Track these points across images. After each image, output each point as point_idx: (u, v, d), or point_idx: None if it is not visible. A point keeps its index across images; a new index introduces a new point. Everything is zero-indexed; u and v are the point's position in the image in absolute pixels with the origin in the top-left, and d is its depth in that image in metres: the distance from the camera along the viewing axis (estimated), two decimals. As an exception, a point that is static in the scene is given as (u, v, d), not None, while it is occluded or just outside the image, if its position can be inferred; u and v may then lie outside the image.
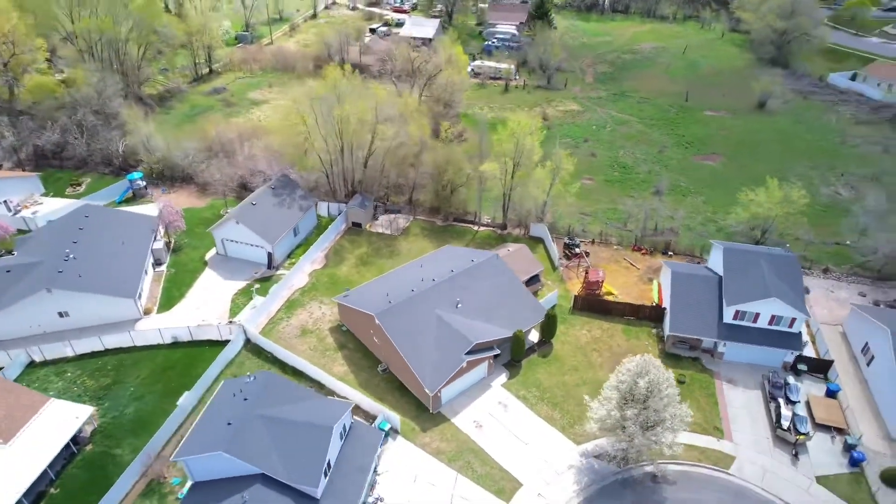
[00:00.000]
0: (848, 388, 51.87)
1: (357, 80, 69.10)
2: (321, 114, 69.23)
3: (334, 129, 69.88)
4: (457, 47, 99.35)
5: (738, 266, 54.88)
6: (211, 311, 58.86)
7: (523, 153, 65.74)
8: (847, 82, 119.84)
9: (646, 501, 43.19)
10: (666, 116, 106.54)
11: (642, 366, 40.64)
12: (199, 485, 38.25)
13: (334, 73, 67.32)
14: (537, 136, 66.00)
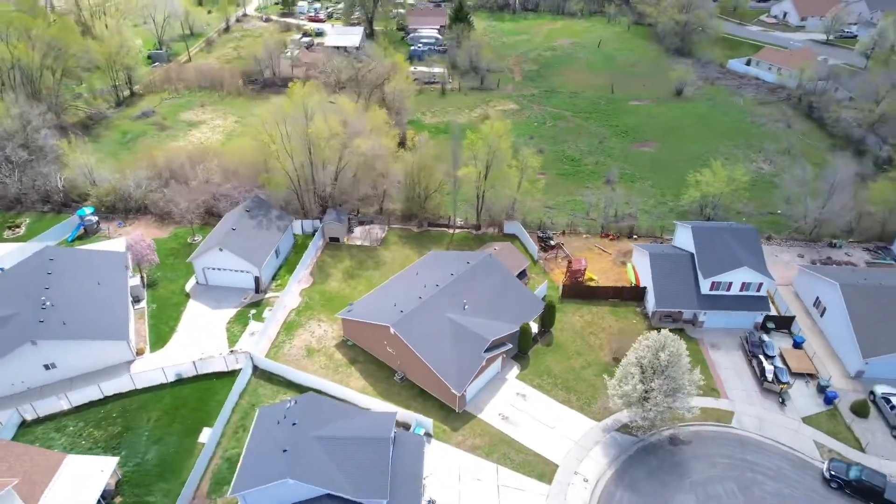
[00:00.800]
0: (809, 338, 59.05)
1: (324, 95, 68.94)
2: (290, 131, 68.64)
3: (304, 146, 69.52)
4: (398, 55, 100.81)
5: (708, 242, 60.76)
6: (207, 343, 57.23)
7: (495, 155, 68.62)
8: (744, 67, 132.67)
9: (668, 463, 47.45)
10: (597, 109, 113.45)
11: (661, 341, 44.73)
12: (259, 516, 38.06)
13: (301, 89, 66.90)
14: (508, 139, 69.13)
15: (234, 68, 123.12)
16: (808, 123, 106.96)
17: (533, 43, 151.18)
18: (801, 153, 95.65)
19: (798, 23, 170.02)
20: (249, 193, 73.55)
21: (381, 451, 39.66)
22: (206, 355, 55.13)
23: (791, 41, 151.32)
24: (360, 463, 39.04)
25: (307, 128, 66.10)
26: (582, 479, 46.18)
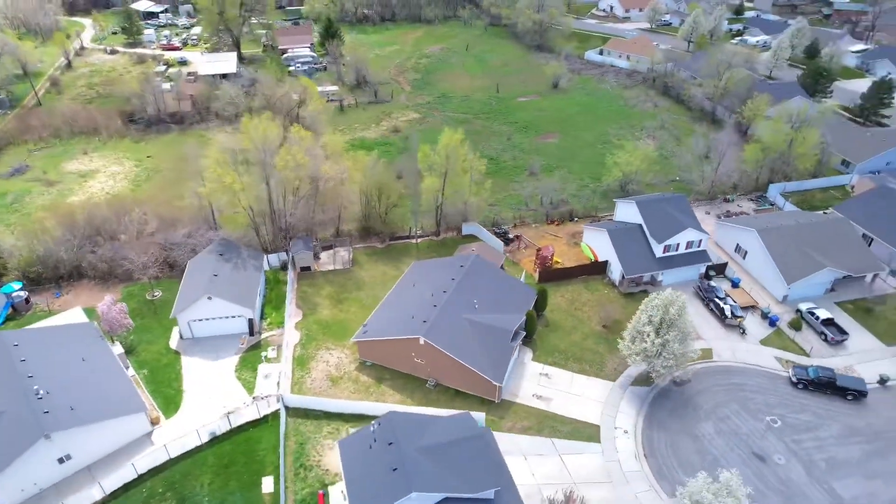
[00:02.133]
0: (741, 278, 71.53)
1: (278, 128, 68.16)
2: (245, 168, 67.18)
3: (261, 179, 68.31)
4: (309, 82, 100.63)
5: (652, 213, 70.72)
6: (223, 396, 55.09)
7: (451, 162, 72.99)
8: (599, 57, 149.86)
9: (681, 402, 55.77)
10: (492, 109, 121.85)
11: (668, 299, 52.58)
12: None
13: (260, 123, 65.65)
14: (463, 148, 73.78)
15: (109, 109, 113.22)
16: (668, 101, 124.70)
17: (405, 52, 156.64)
18: (674, 127, 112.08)
19: (623, 14, 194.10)
20: (203, 237, 70.36)
21: (481, 446, 42.81)
22: (233, 408, 53.22)
23: (626, 31, 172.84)
24: (467, 461, 41.81)
25: (274, 161, 65.15)
26: (622, 432, 52.83)
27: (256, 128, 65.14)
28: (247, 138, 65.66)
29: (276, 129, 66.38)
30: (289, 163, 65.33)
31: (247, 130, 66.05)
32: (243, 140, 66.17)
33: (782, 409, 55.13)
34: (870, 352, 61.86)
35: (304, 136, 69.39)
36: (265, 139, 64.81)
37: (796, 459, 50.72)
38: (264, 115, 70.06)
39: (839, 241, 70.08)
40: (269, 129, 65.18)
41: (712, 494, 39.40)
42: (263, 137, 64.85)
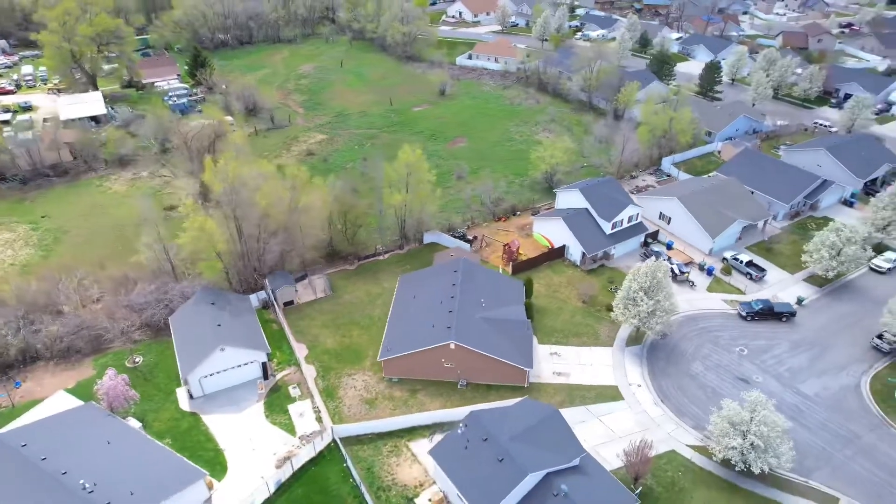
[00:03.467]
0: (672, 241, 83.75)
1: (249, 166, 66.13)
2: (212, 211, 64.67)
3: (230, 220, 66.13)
4: (214, 111, 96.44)
5: (595, 196, 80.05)
6: (266, 443, 53.74)
7: (412, 177, 76.17)
8: (470, 62, 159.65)
9: (669, 350, 65.09)
10: (393, 121, 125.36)
11: (653, 266, 61.33)
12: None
13: (231, 163, 63.34)
14: (423, 163, 77.08)
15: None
16: (547, 97, 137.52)
17: (280, 74, 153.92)
18: (562, 119, 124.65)
19: (473, 19, 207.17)
20: (174, 291, 66.20)
21: (555, 423, 47.66)
22: (286, 452, 52.26)
23: (483, 35, 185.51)
24: (551, 438, 46.42)
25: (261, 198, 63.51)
26: (636, 386, 60.78)
27: (225, 167, 62.96)
28: (214, 179, 63.06)
29: (248, 167, 64.63)
30: (269, 197, 64.04)
31: (211, 172, 63.42)
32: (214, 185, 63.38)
33: (744, 340, 66.92)
34: (783, 281, 76.68)
35: (268, 169, 68.13)
36: (235, 178, 62.94)
37: (768, 375, 62.38)
38: (226, 153, 67.54)
39: (737, 198, 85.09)
40: (237, 167, 63.33)
41: (749, 412, 48.25)
42: (234, 176, 62.93)
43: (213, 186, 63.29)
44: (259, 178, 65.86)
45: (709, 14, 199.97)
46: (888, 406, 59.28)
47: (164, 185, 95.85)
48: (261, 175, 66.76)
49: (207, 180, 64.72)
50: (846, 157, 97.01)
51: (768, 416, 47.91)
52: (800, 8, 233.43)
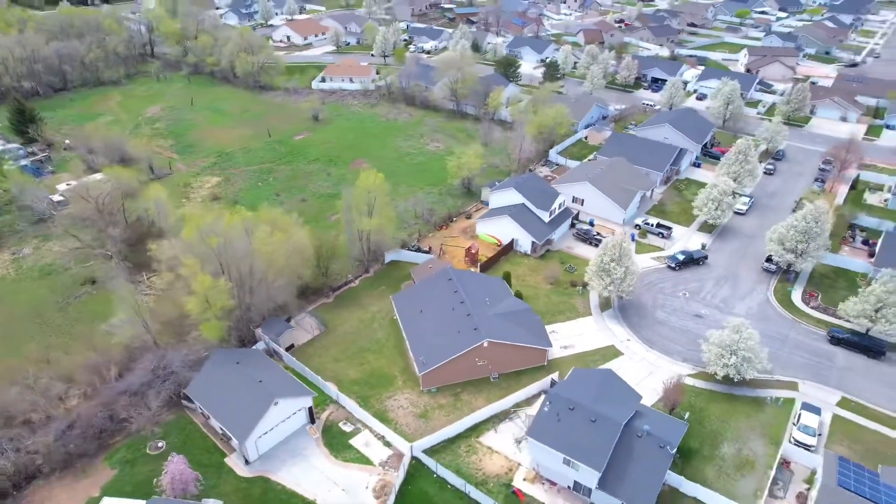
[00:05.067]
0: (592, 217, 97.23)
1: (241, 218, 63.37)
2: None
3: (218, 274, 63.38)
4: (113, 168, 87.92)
5: (529, 191, 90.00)
6: (354, 482, 54.06)
7: (376, 202, 78.86)
8: (325, 84, 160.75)
9: (634, 308, 77.37)
10: (281, 152, 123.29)
11: (619, 238, 72.65)
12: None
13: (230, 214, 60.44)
14: (385, 187, 79.70)
15: None
16: (418, 109, 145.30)
17: (125, 121, 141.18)
18: (444, 128, 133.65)
19: (303, 42, 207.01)
20: (175, 361, 61.59)
21: (618, 379, 56.27)
22: (380, 482, 53.46)
23: (321, 58, 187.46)
24: (619, 393, 54.99)
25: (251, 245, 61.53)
26: (626, 341, 71.86)
27: (215, 221, 60.51)
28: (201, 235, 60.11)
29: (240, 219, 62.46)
30: (266, 245, 62.73)
31: (197, 226, 60.40)
32: (210, 240, 60.24)
33: (681, 286, 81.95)
34: (684, 234, 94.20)
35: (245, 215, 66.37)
36: (226, 231, 60.91)
37: (710, 307, 77.74)
38: (214, 206, 64.02)
39: (629, 173, 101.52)
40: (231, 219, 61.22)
41: (736, 333, 61.46)
42: (225, 231, 60.82)
43: (208, 242, 60.07)
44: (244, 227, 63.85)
45: (517, 18, 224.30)
46: (792, 308, 77.94)
47: (72, 256, 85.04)
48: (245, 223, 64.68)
49: (189, 237, 61.15)
50: (683, 127, 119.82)
51: (752, 334, 61.58)
52: (579, 8, 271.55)
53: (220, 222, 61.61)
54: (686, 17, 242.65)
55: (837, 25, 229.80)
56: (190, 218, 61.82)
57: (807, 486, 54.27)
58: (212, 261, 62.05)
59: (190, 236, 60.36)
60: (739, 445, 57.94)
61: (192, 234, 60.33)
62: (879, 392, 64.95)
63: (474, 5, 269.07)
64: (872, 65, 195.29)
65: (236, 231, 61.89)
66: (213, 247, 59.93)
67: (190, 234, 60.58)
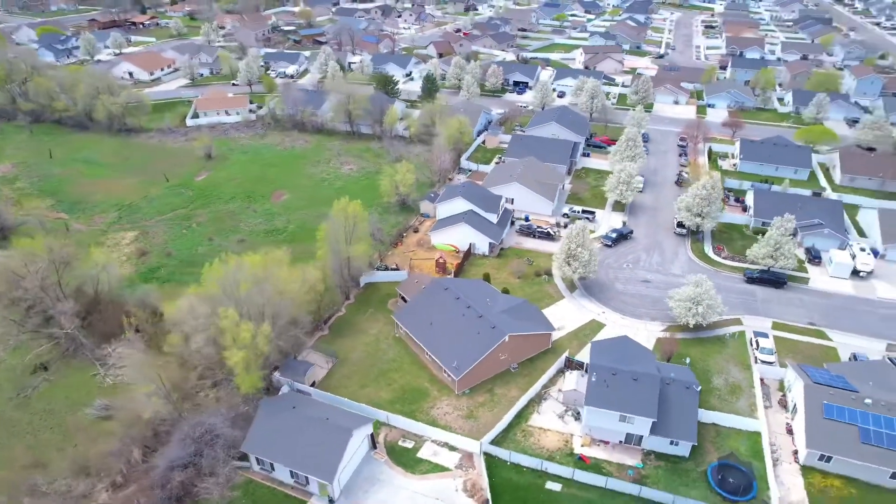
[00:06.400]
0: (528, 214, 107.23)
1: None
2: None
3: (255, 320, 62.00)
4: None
5: (475, 198, 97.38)
6: (444, 491, 57.03)
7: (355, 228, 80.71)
8: (200, 120, 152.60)
9: (596, 285, 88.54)
10: (190, 196, 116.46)
11: (580, 227, 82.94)
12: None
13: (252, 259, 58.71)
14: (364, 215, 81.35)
15: None
16: (312, 135, 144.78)
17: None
18: (349, 150, 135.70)
19: (151, 78, 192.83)
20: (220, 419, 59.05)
21: (636, 344, 65.91)
22: (469, 485, 57.27)
23: (178, 92, 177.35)
24: (640, 355, 64.66)
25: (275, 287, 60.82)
26: (601, 312, 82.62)
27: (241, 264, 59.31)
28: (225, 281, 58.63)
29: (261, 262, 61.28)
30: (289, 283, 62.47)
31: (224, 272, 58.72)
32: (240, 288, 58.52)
33: (622, 259, 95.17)
34: (603, 215, 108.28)
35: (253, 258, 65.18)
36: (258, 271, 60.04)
37: (652, 273, 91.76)
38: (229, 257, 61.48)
39: (544, 170, 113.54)
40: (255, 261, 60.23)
41: (698, 287, 74.84)
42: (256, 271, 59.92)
43: (239, 287, 58.44)
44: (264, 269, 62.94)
45: (368, 35, 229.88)
46: (710, 261, 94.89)
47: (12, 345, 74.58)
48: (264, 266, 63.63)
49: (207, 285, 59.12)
50: (567, 123, 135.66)
51: (710, 285, 75.35)
52: (416, 22, 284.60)
53: (242, 268, 60.05)
54: (516, 23, 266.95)
55: (637, 24, 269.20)
56: (208, 270, 59.24)
57: (780, 392, 68.80)
58: (237, 309, 60.46)
59: (214, 288, 58.37)
60: (725, 376, 71.11)
61: (215, 284, 58.43)
62: (793, 312, 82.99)
63: (314, 26, 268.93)
64: (673, 55, 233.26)
65: (260, 274, 60.84)
66: (243, 293, 58.55)
67: (209, 284, 58.54)
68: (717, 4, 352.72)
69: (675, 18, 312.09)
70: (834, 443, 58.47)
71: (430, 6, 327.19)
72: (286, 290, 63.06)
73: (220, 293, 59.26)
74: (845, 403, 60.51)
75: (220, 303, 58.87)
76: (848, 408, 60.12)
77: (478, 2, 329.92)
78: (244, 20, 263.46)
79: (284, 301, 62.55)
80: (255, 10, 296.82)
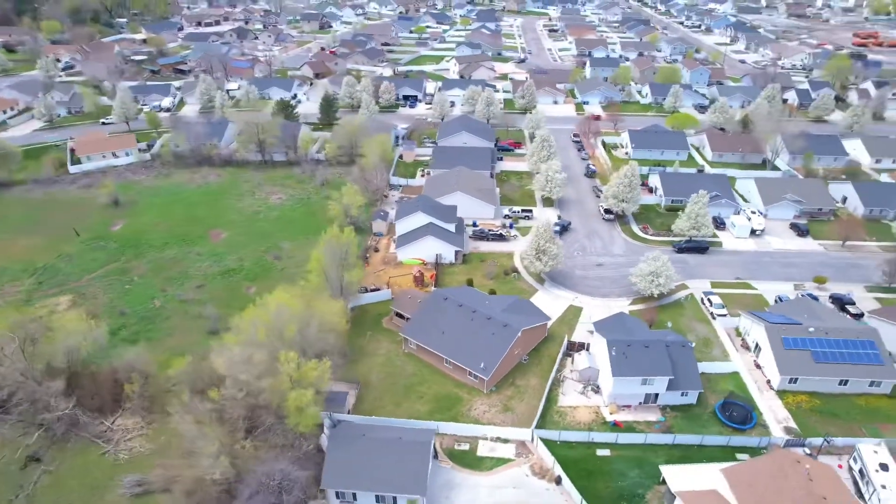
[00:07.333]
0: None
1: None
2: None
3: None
4: None
5: (433, 211, 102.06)
6: (519, 477, 61.93)
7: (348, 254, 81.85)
8: (87, 166, 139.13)
9: (560, 275, 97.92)
10: (113, 248, 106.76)
11: (547, 224, 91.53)
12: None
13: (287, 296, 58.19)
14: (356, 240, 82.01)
15: None
16: (223, 168, 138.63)
17: None
18: (271, 180, 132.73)
19: None
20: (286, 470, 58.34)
21: (634, 319, 75.49)
22: (537, 469, 62.70)
23: (37, 136, 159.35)
24: (640, 326, 74.62)
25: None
26: (574, 298, 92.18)
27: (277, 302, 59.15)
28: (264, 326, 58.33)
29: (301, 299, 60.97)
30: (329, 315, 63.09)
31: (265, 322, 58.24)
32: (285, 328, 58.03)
33: (571, 248, 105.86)
34: (540, 211, 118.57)
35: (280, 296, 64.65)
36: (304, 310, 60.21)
37: (601, 256, 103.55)
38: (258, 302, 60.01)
39: (477, 177, 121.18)
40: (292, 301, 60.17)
41: (656, 261, 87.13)
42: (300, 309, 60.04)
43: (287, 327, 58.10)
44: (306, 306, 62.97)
45: (238, 61, 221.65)
46: (639, 239, 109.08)
47: None
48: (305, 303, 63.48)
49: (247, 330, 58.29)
50: (475, 131, 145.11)
51: (665, 259, 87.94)
52: (275, 43, 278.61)
53: (284, 308, 59.83)
54: (378, 38, 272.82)
55: (490, 32, 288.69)
56: (247, 316, 58.06)
57: (739, 337, 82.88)
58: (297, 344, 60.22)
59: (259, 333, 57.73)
60: (694, 332, 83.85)
61: (260, 329, 57.88)
62: (721, 271, 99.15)
63: (166, 54, 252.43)
64: (531, 59, 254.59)
65: (303, 311, 61.02)
66: (293, 334, 58.63)
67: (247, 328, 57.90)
68: (550, 10, 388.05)
69: (519, 24, 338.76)
70: (797, 367, 72.82)
71: (283, 25, 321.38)
72: (326, 322, 63.57)
73: (259, 337, 58.44)
74: (797, 335, 75.31)
75: (269, 346, 58.23)
76: (800, 338, 74.93)
77: (331, 19, 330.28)
78: (85, 52, 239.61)
79: (328, 335, 63.05)
80: (89, 38, 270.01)
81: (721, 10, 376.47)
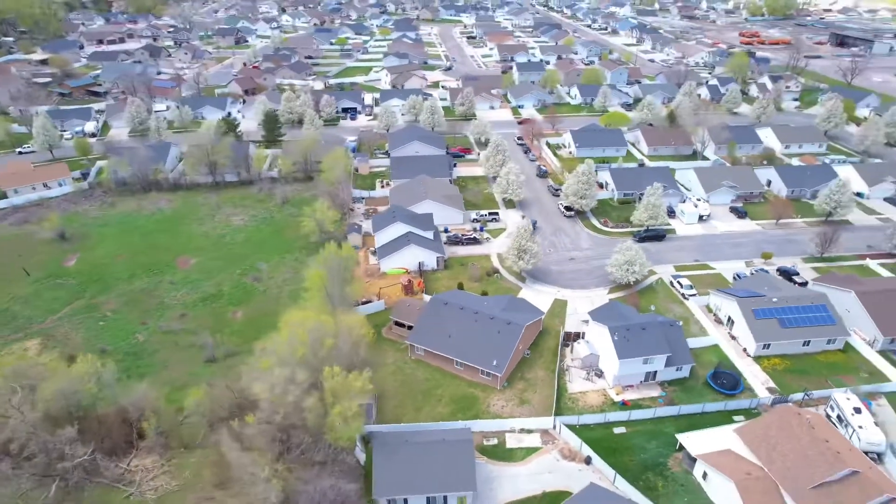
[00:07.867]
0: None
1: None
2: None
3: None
4: None
5: (410, 221, 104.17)
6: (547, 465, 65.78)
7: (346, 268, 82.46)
8: (34, 194, 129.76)
9: (539, 272, 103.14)
10: (74, 285, 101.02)
11: (525, 225, 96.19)
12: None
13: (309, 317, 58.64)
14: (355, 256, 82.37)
15: None
16: (170, 193, 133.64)
17: None
18: (237, 200, 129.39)
19: None
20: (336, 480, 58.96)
21: (621, 306, 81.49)
22: (570, 456, 66.79)
23: None
24: (631, 312, 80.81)
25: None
26: (557, 291, 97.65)
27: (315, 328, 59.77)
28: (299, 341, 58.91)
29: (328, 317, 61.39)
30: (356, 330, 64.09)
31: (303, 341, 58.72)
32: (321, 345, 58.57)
33: (541, 245, 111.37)
34: (505, 213, 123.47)
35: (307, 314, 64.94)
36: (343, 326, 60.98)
37: (570, 250, 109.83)
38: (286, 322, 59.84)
39: (440, 185, 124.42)
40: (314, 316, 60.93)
41: (629, 251, 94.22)
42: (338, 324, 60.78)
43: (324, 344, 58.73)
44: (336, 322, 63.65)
45: (160, 81, 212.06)
46: (602, 232, 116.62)
47: None
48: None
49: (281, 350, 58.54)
50: (426, 140, 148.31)
51: (637, 248, 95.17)
52: (193, 59, 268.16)
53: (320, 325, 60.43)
54: (301, 52, 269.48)
55: (412, 41, 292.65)
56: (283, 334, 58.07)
57: (710, 313, 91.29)
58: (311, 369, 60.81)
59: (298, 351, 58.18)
60: (672, 313, 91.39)
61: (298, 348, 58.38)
62: (680, 255, 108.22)
63: (73, 76, 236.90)
64: (457, 67, 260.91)
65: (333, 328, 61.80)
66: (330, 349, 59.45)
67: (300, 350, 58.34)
68: (464, 17, 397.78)
69: (437, 32, 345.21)
70: (768, 334, 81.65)
71: (196, 41, 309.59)
72: (355, 335, 64.58)
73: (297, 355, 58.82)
74: (764, 306, 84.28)
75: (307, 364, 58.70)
76: (767, 308, 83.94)
77: (246, 33, 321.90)
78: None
79: (359, 347, 64.10)
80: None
81: (621, 13, 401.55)
